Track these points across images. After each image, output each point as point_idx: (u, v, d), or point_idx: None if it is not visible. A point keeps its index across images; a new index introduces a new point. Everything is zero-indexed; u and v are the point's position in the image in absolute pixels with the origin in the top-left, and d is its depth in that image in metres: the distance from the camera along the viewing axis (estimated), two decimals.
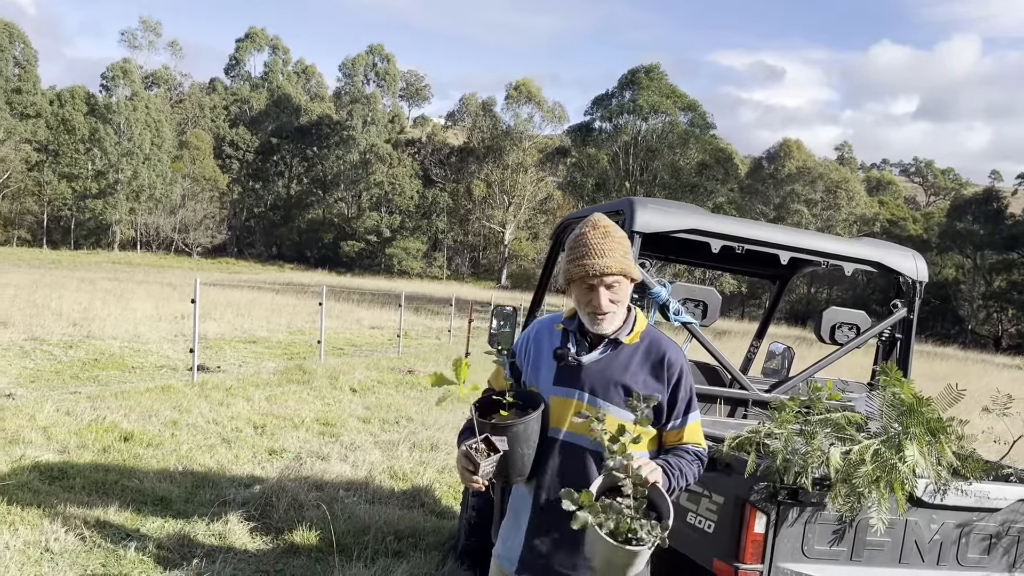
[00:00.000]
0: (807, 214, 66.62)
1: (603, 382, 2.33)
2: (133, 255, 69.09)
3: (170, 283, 31.24)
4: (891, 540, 2.96)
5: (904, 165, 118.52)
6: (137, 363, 12.51)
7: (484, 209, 78.81)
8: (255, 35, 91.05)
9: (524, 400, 2.37)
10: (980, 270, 65.18)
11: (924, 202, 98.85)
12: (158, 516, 5.46)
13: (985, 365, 29.25)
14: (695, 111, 68.88)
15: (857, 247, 4.27)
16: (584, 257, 2.27)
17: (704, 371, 4.62)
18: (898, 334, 4.43)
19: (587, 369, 2.34)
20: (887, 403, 2.95)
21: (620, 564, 2.04)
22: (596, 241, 2.29)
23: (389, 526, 5.55)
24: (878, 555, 2.96)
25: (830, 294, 63.79)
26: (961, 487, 2.93)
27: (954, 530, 3.03)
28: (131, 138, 69.94)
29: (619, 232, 2.35)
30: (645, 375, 2.35)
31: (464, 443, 2.24)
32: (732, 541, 2.89)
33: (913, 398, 2.93)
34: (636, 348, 2.38)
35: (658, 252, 4.84)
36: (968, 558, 3.07)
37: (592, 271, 2.26)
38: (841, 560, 2.93)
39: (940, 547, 3.03)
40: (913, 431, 2.83)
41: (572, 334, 2.39)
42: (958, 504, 2.97)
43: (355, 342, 19.68)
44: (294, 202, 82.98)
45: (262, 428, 8.49)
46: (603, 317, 2.30)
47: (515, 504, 2.45)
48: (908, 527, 2.97)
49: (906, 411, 2.90)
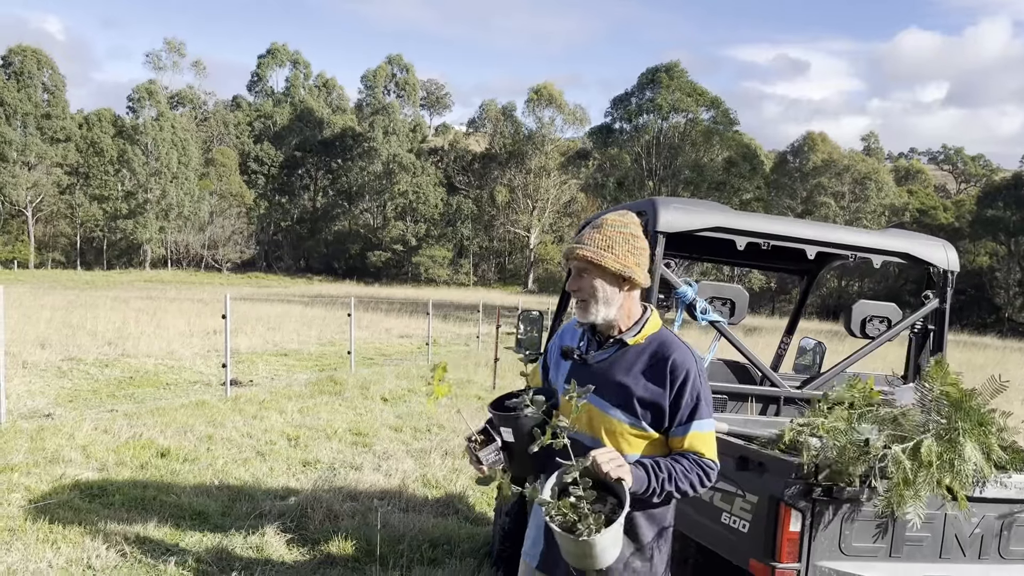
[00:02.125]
0: (835, 207, 65.91)
1: (604, 381, 2.35)
2: (164, 273, 70.07)
3: (201, 299, 31.63)
4: (931, 535, 2.91)
5: (933, 153, 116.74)
6: (171, 380, 12.67)
7: (508, 214, 78.93)
8: (276, 51, 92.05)
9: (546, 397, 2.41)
10: (1015, 257, 63.99)
11: (955, 190, 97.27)
12: (196, 530, 5.52)
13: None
14: (718, 108, 68.42)
15: (885, 239, 4.21)
16: (575, 240, 2.42)
17: (734, 369, 4.60)
18: (931, 325, 4.37)
19: (593, 368, 2.40)
20: (936, 399, 2.89)
21: (576, 553, 2.14)
22: (586, 232, 2.40)
23: (424, 534, 5.57)
24: (918, 551, 2.91)
25: (861, 287, 62.94)
26: (1001, 479, 2.87)
27: (995, 523, 2.98)
28: (158, 158, 71.05)
29: (619, 230, 2.36)
30: (646, 377, 2.34)
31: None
32: (768, 540, 2.86)
33: (961, 393, 2.86)
34: (642, 350, 2.38)
35: (683, 251, 4.81)
36: (1011, 551, 3.01)
37: (564, 252, 2.42)
38: (880, 557, 2.89)
39: (981, 540, 2.98)
40: (963, 426, 2.76)
41: (586, 333, 2.46)
42: (999, 496, 2.92)
43: (385, 352, 19.78)
44: (320, 214, 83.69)
45: (295, 440, 8.56)
46: (579, 304, 2.39)
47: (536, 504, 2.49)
48: (948, 521, 2.92)
49: (954, 405, 2.84)
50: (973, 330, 44.32)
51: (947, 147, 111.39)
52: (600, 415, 2.37)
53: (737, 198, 61.96)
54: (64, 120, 71.60)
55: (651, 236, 3.89)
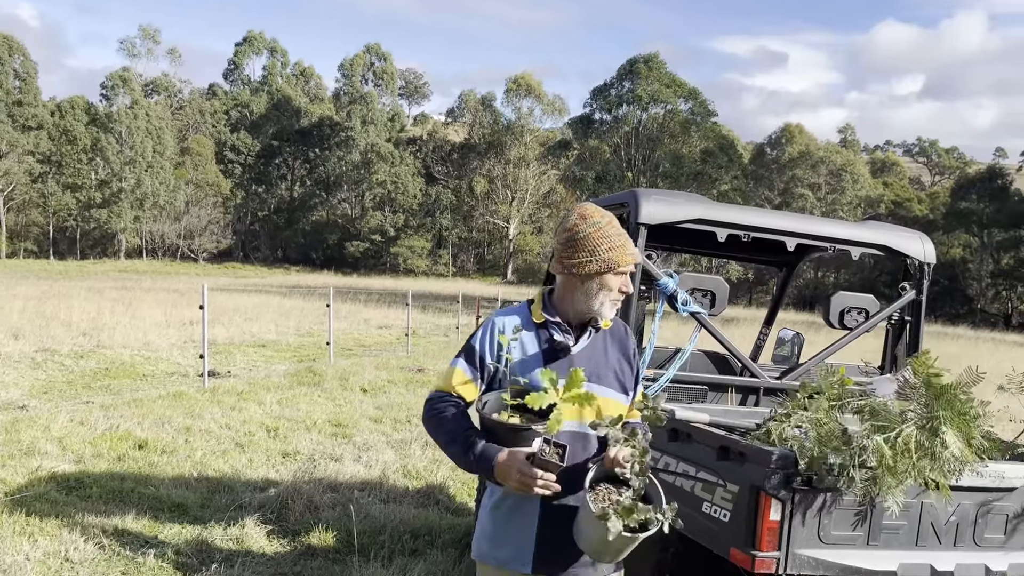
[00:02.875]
0: (811, 198, 66.41)
1: (594, 367, 2.40)
2: (139, 263, 69.31)
3: (177, 289, 31.34)
4: (907, 523, 2.96)
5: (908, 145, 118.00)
6: (148, 371, 12.56)
7: (487, 205, 78.79)
8: (253, 39, 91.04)
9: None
10: (987, 248, 64.90)
11: (929, 182, 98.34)
12: (175, 522, 5.49)
13: (996, 343, 29.16)
14: (696, 99, 68.65)
15: (863, 231, 4.26)
16: (625, 245, 2.36)
17: (714, 360, 4.63)
18: (907, 316, 4.43)
19: (576, 357, 2.39)
20: (918, 388, 2.93)
21: (617, 547, 2.17)
22: (619, 229, 2.39)
23: (405, 525, 5.57)
24: (895, 538, 2.96)
25: (837, 278, 63.59)
26: (977, 468, 2.92)
27: (971, 511, 3.03)
28: (133, 146, 70.13)
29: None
30: (619, 355, 2.49)
31: (534, 454, 2.18)
32: (749, 529, 2.89)
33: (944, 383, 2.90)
34: (608, 332, 2.49)
35: (664, 243, 4.83)
36: (986, 539, 3.07)
37: (634, 258, 2.39)
38: (858, 545, 2.93)
39: (957, 528, 3.03)
40: (945, 415, 2.80)
41: (556, 325, 2.41)
42: (974, 485, 2.97)
43: (364, 342, 19.72)
44: (298, 204, 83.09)
45: (275, 431, 8.52)
46: (615, 303, 2.41)
47: (514, 505, 2.38)
48: (924, 509, 2.97)
49: (935, 395, 2.88)
50: (946, 320, 44.89)
51: (922, 140, 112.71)
52: (606, 401, 2.40)
53: (715, 189, 62.25)
54: (36, 108, 70.42)
55: (633, 228, 3.91)
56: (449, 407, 2.35)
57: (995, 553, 3.07)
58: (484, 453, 2.23)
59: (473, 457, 2.25)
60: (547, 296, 2.49)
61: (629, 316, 3.93)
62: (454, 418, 2.33)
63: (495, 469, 2.22)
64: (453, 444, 2.31)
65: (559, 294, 2.46)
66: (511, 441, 2.24)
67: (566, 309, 2.43)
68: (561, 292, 2.44)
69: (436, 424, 2.36)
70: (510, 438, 2.24)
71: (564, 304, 2.43)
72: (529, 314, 2.46)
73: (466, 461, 2.28)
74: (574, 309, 2.41)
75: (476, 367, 2.39)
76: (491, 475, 2.25)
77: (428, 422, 2.39)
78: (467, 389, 2.39)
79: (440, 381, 2.43)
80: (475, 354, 2.40)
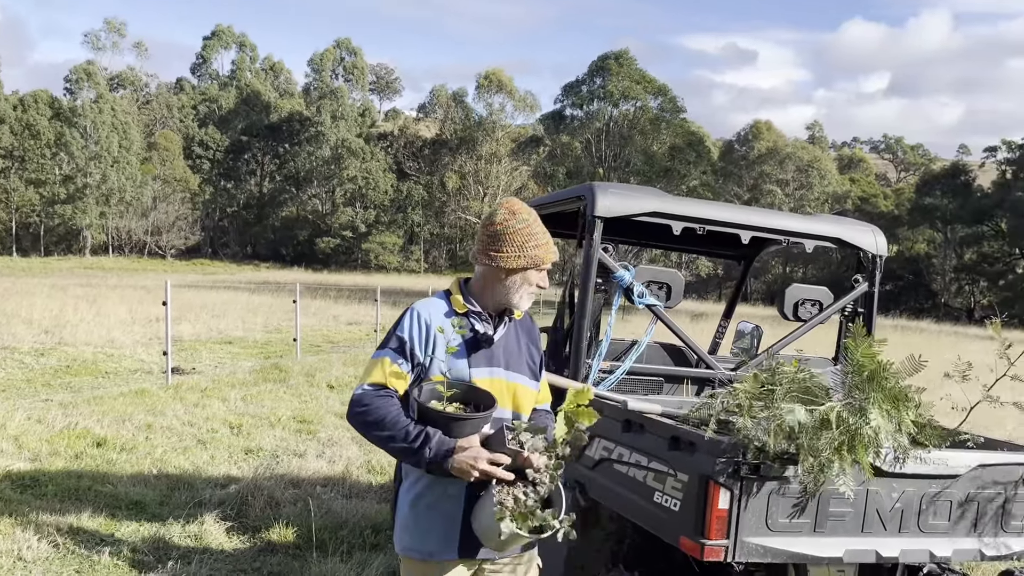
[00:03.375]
0: (780, 194, 67.10)
1: (511, 356, 2.50)
2: (105, 260, 68.23)
3: (144, 286, 30.90)
4: (853, 510, 3.00)
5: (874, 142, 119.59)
6: (111, 368, 12.39)
7: (459, 201, 78.58)
8: (222, 33, 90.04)
9: (465, 392, 2.39)
10: (951, 244, 66.00)
11: (895, 178, 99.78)
12: (132, 520, 5.43)
13: (958, 336, 29.67)
14: (665, 95, 68.97)
15: (816, 224, 4.32)
16: (549, 243, 2.47)
17: (671, 352, 4.66)
18: (860, 308, 4.49)
19: (497, 346, 2.47)
20: (851, 369, 2.98)
21: (508, 542, 2.22)
22: (544, 228, 2.48)
23: (367, 520, 5.55)
24: (841, 525, 3.00)
25: (805, 272, 64.33)
26: (920, 455, 2.97)
27: (915, 498, 3.08)
28: (98, 141, 68.97)
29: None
30: (528, 344, 2.59)
31: (500, 442, 2.24)
32: (698, 518, 2.92)
33: (875, 363, 2.95)
34: (519, 322, 2.58)
35: (621, 236, 4.86)
36: (929, 524, 3.12)
37: (555, 256, 2.48)
38: (805, 532, 2.97)
39: (902, 515, 3.07)
40: (874, 395, 2.85)
41: (477, 315, 2.45)
42: (918, 472, 3.01)
43: (332, 339, 19.60)
44: (267, 200, 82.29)
45: (238, 428, 8.45)
46: (531, 295, 2.49)
47: (439, 495, 2.39)
48: (870, 496, 3.02)
49: (868, 377, 2.93)
50: (911, 315, 45.60)
51: (888, 137, 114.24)
52: (522, 388, 2.51)
53: (684, 185, 62.66)
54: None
55: (589, 221, 3.93)
56: (387, 401, 2.34)
57: (939, 539, 3.13)
58: (441, 445, 2.24)
59: (429, 450, 2.24)
60: (464, 286, 2.52)
61: (586, 308, 3.96)
62: (395, 413, 2.31)
63: (452, 461, 2.23)
64: (396, 440, 2.29)
65: (479, 284, 2.50)
66: (450, 432, 2.25)
67: (486, 300, 2.48)
68: (482, 283, 2.49)
69: (374, 419, 2.31)
70: (451, 429, 2.25)
71: (484, 295, 2.49)
72: (450, 304, 2.48)
73: (418, 455, 2.27)
74: (493, 300, 2.48)
75: (407, 359, 2.39)
76: (442, 466, 2.25)
77: (360, 417, 2.34)
78: (400, 382, 2.38)
79: (369, 375, 2.40)
80: (405, 346, 2.40)
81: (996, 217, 60.83)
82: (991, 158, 70.87)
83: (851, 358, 2.99)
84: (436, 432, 2.26)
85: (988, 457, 3.16)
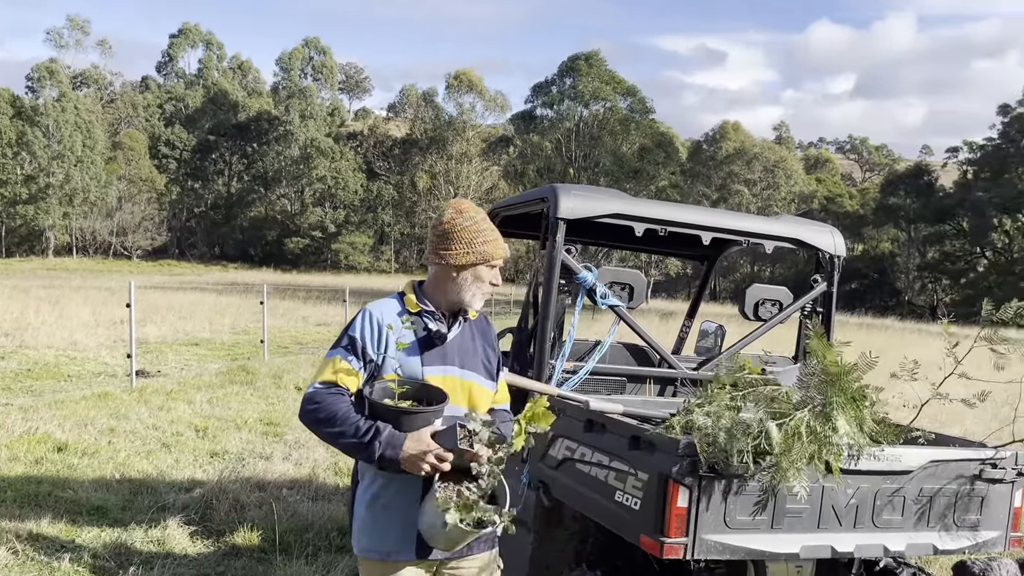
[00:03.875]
0: (747, 194, 67.78)
1: (465, 355, 2.53)
2: (69, 261, 67.10)
3: (108, 288, 30.44)
4: (809, 507, 3.05)
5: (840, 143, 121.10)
6: (73, 371, 12.20)
7: (430, 200, 78.25)
8: (189, 31, 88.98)
9: (417, 390, 2.42)
10: (914, 243, 67.12)
11: (860, 178, 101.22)
12: (94, 526, 5.36)
13: (921, 334, 30.17)
14: (634, 96, 69.35)
15: (776, 225, 4.38)
16: (498, 240, 2.50)
17: (634, 352, 4.70)
18: (820, 307, 4.56)
19: (450, 345, 2.50)
20: (812, 373, 3.03)
21: (454, 538, 2.27)
22: (492, 225, 2.52)
23: (333, 522, 5.53)
24: (797, 522, 3.05)
25: (772, 272, 65.06)
26: (874, 452, 3.04)
27: (869, 494, 3.14)
28: (61, 140, 67.81)
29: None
30: (483, 344, 2.61)
31: (450, 437, 2.27)
32: (658, 516, 2.95)
33: (837, 368, 3.01)
34: (474, 322, 2.61)
35: (585, 237, 4.89)
36: (883, 519, 3.18)
37: (505, 252, 2.51)
38: (762, 529, 3.02)
39: (856, 511, 3.14)
40: (838, 400, 2.90)
41: (430, 314, 2.49)
42: (872, 468, 3.08)
43: (301, 340, 19.47)
44: (235, 200, 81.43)
45: (204, 431, 8.36)
46: (484, 295, 2.52)
47: (396, 493, 2.41)
48: (825, 493, 3.07)
49: (830, 381, 2.98)
50: (876, 313, 46.29)
51: (853, 137, 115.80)
52: (477, 388, 2.54)
53: (653, 185, 63.07)
54: None
55: (552, 222, 3.96)
56: (337, 398, 2.35)
57: (893, 534, 3.20)
58: (391, 439, 2.26)
59: (379, 444, 2.26)
60: (418, 287, 2.56)
61: (549, 309, 3.98)
62: (346, 409, 2.33)
63: (401, 454, 2.25)
64: (347, 435, 2.30)
65: (432, 284, 2.54)
66: (401, 426, 2.29)
67: (439, 299, 2.52)
68: (434, 282, 2.53)
69: (325, 416, 2.33)
70: (401, 423, 2.29)
71: (437, 294, 2.52)
72: (403, 304, 2.51)
73: (368, 450, 2.28)
74: (447, 299, 2.51)
75: (359, 357, 2.41)
76: (394, 461, 2.26)
77: (312, 414, 2.35)
78: (351, 380, 2.40)
79: (321, 374, 2.42)
80: (356, 344, 2.42)
81: (958, 216, 61.94)
82: (953, 158, 72.16)
83: (814, 360, 3.04)
84: (387, 427, 2.28)
85: (940, 453, 3.24)
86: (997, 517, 3.34)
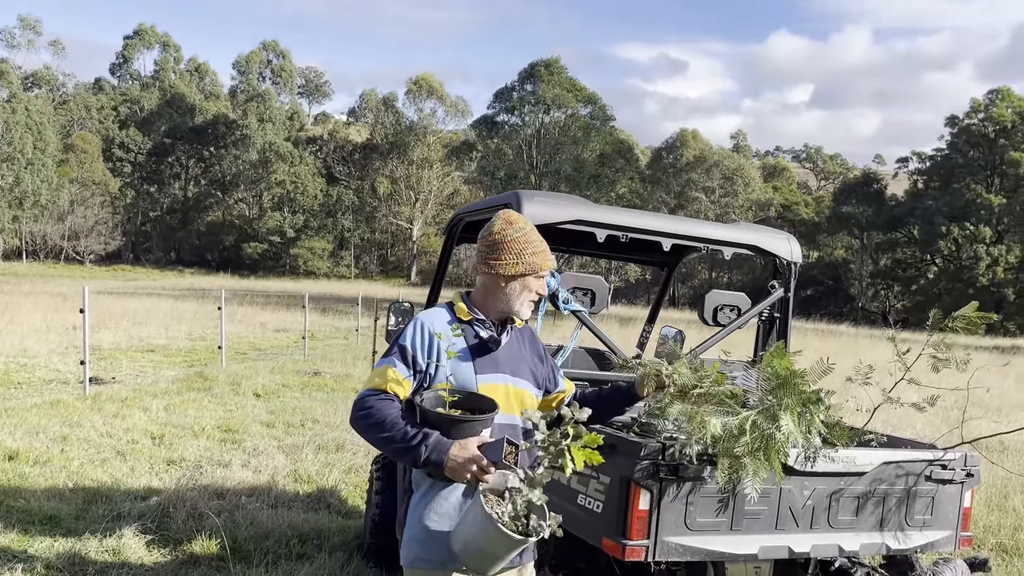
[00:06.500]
0: (705, 201, 68.58)
1: (516, 363, 2.58)
2: (19, 265, 65.46)
3: (60, 293, 29.77)
4: (767, 508, 3.12)
5: (796, 151, 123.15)
6: (23, 378, 11.92)
7: (391, 206, 78.00)
8: (144, 32, 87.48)
9: (467, 398, 2.43)
10: (867, 250, 68.50)
11: (815, 186, 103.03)
12: (47, 535, 5.24)
13: (873, 339, 30.79)
14: (595, 104, 69.89)
15: (734, 231, 4.46)
16: (546, 251, 2.55)
17: (595, 357, 4.75)
18: (777, 313, 4.65)
19: (501, 353, 2.53)
20: (764, 376, 3.09)
21: (497, 554, 2.22)
22: (540, 236, 2.57)
23: (293, 529, 5.49)
24: (756, 523, 3.12)
25: (730, 278, 65.91)
26: (829, 454, 3.11)
27: (824, 495, 3.22)
28: (11, 142, 66.08)
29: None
30: (531, 354, 2.66)
31: (497, 451, 2.24)
32: (620, 519, 2.99)
33: (787, 371, 3.08)
34: (520, 331, 2.65)
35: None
36: (839, 520, 3.26)
37: (552, 263, 2.57)
38: (722, 530, 3.07)
39: (813, 512, 3.21)
40: (787, 402, 2.97)
41: (481, 323, 2.52)
42: (827, 470, 3.15)
43: (259, 346, 19.25)
44: (192, 204, 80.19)
45: (160, 438, 8.23)
46: (531, 303, 2.56)
47: (444, 503, 2.43)
48: (783, 495, 3.14)
49: (781, 383, 3.05)
50: (830, 319, 47.11)
51: (808, 146, 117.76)
52: (528, 395, 2.58)
53: (613, 192, 63.54)
54: None
55: None
56: (387, 404, 2.37)
57: (847, 533, 3.28)
58: (438, 444, 2.27)
59: (426, 447, 2.27)
60: (466, 296, 2.59)
61: None
62: (395, 414, 2.34)
63: (447, 460, 2.25)
64: (395, 440, 2.31)
65: (480, 294, 2.57)
66: (452, 435, 2.30)
67: (488, 309, 2.55)
68: (483, 292, 2.56)
69: (375, 421, 2.34)
70: (450, 431, 2.30)
71: (486, 304, 2.55)
72: (453, 313, 2.55)
73: (414, 453, 2.29)
74: (495, 309, 2.54)
75: (409, 366, 2.43)
76: (440, 467, 2.27)
77: (361, 419, 2.37)
78: (401, 387, 2.42)
79: (371, 381, 2.44)
80: (407, 353, 2.44)
81: (909, 224, 63.40)
82: (903, 168, 73.85)
83: (766, 365, 3.10)
84: (434, 432, 2.30)
85: (892, 455, 3.33)
86: (947, 517, 3.44)
